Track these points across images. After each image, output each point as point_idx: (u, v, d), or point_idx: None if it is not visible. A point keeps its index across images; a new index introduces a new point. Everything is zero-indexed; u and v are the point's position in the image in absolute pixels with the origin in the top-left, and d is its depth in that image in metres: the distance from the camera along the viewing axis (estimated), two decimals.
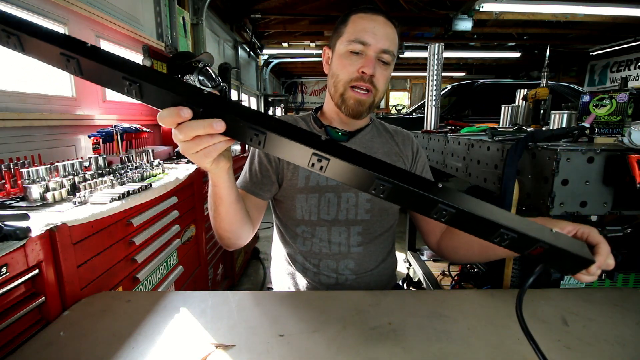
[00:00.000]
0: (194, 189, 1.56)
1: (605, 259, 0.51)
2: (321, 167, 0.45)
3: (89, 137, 1.54)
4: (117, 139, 1.58)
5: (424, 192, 0.46)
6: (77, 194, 0.91)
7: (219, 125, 0.44)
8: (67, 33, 1.63)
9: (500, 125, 2.08)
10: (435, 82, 2.15)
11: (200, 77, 2.20)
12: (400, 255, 1.34)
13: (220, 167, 0.54)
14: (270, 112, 7.41)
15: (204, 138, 0.45)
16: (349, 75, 0.80)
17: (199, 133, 0.44)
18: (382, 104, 11.65)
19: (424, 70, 2.26)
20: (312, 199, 0.85)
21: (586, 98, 1.13)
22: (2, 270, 0.57)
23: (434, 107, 2.19)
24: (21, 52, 0.42)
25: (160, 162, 1.53)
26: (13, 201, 0.87)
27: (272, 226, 0.97)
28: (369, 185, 0.46)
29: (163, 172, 1.41)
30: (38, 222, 0.70)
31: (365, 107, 0.82)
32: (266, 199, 0.87)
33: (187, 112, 0.43)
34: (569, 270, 0.50)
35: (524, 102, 1.93)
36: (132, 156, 1.46)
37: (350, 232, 0.86)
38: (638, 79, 7.05)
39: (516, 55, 7.26)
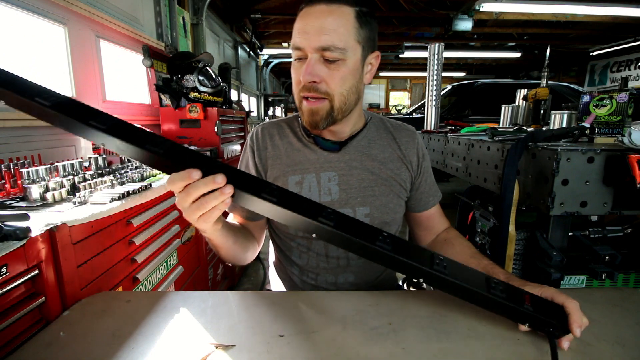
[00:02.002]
0: None
1: (578, 315, 0.52)
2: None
3: None
4: None
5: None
6: (77, 194, 0.91)
7: (220, 178, 0.48)
8: (66, 33, 1.63)
9: (500, 125, 2.08)
10: (435, 82, 2.15)
11: (200, 77, 2.20)
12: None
13: (215, 229, 0.59)
14: (270, 112, 7.41)
15: (209, 199, 0.49)
16: (297, 87, 0.72)
17: (202, 192, 0.48)
18: (382, 104, 11.65)
19: (424, 70, 2.27)
20: None
21: (586, 98, 1.13)
22: (2, 270, 0.57)
23: (434, 107, 2.20)
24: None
25: None
26: (13, 201, 0.87)
27: None
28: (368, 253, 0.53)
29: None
30: (38, 222, 0.69)
31: (320, 116, 0.71)
32: (262, 218, 0.84)
33: (196, 174, 0.48)
34: (563, 325, 0.52)
35: (524, 102, 1.94)
36: None
37: None
38: (638, 79, 7.06)
39: (516, 55, 7.26)
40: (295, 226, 0.53)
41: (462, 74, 10.23)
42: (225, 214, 0.62)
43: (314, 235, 0.52)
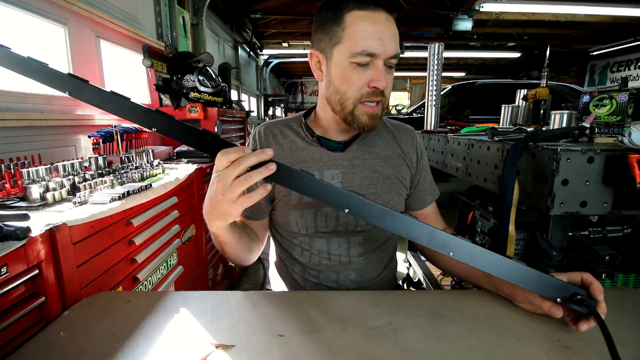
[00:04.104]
0: (194, 189, 1.56)
1: (599, 283, 0.55)
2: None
3: (89, 137, 1.54)
4: (117, 139, 1.58)
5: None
6: (77, 194, 0.91)
7: (270, 150, 0.52)
8: (66, 33, 1.63)
9: (500, 125, 2.08)
10: (435, 82, 2.15)
11: (200, 77, 2.20)
12: (400, 255, 1.34)
13: (226, 223, 0.59)
14: (270, 112, 7.41)
15: (253, 174, 0.51)
16: (359, 91, 0.71)
17: (252, 162, 0.51)
18: None
19: (424, 70, 2.26)
20: (307, 215, 0.80)
21: (586, 98, 1.13)
22: (2, 270, 0.57)
23: (434, 107, 2.19)
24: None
25: (160, 162, 1.54)
26: (13, 201, 0.87)
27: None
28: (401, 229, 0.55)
29: (163, 172, 1.41)
30: (38, 222, 0.70)
31: (379, 119, 0.75)
32: (266, 217, 0.86)
33: (249, 149, 0.51)
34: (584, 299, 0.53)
35: (524, 102, 1.94)
36: (132, 156, 1.46)
37: (350, 243, 0.82)
38: (638, 79, 7.06)
39: (516, 55, 7.26)
40: (328, 200, 0.54)
41: (462, 74, 10.22)
42: None
43: (346, 210, 0.54)
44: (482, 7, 4.13)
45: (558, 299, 0.54)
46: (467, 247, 0.53)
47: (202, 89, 2.19)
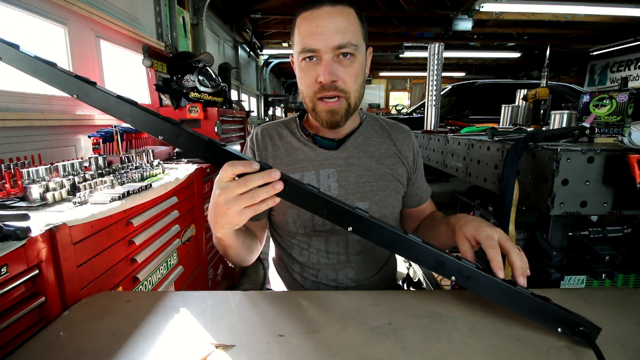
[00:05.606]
0: (194, 189, 1.56)
1: (495, 260, 0.58)
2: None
3: (89, 137, 1.54)
4: (117, 139, 1.58)
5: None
6: (77, 194, 0.91)
7: (276, 173, 0.51)
8: (66, 33, 1.63)
9: (500, 125, 2.08)
10: (435, 82, 2.15)
11: (200, 77, 2.20)
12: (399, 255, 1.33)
13: (232, 229, 0.59)
14: (270, 112, 7.41)
15: (260, 192, 0.51)
16: (311, 88, 0.73)
17: (258, 183, 0.51)
18: (382, 104, 11.64)
19: (424, 70, 2.27)
20: (305, 214, 0.80)
21: (586, 98, 1.13)
22: (2, 270, 0.57)
23: (434, 107, 2.20)
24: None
25: (160, 162, 1.53)
26: (13, 201, 0.87)
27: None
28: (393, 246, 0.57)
29: (163, 172, 1.41)
30: (38, 222, 0.70)
31: (340, 115, 0.74)
32: (265, 218, 0.86)
33: (256, 165, 0.51)
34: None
35: (524, 102, 1.94)
36: (132, 156, 1.46)
37: (348, 241, 0.82)
38: (638, 79, 7.06)
39: (516, 55, 7.27)
40: (331, 218, 0.54)
41: (462, 74, 10.23)
42: None
43: (349, 229, 0.54)
44: (482, 7, 4.13)
45: (559, 329, 0.54)
46: (471, 272, 0.55)
47: (202, 89, 2.19)
